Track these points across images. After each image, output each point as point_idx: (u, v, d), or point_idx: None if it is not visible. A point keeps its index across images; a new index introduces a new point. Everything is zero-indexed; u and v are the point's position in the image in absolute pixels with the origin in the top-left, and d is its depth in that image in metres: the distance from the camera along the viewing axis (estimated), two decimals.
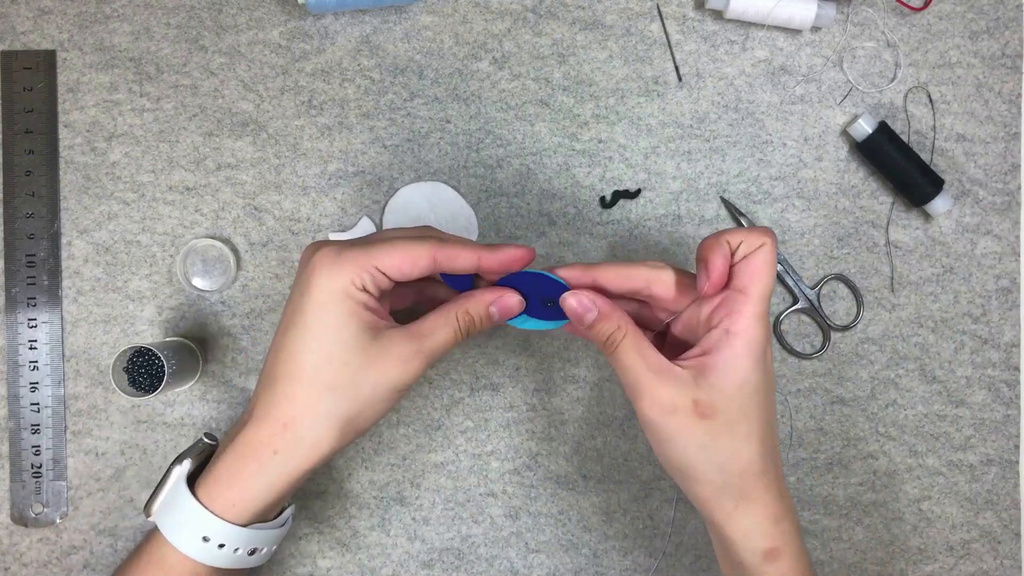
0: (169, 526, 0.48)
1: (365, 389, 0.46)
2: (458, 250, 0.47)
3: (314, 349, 0.46)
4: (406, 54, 0.63)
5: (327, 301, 0.45)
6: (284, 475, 0.47)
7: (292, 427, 0.46)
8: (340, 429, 0.46)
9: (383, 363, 0.46)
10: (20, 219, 0.61)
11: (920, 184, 0.61)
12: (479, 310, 0.48)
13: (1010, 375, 0.64)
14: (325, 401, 0.46)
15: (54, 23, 0.62)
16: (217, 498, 0.47)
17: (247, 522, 0.47)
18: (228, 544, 0.47)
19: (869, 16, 0.64)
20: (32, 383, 0.61)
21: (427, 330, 0.47)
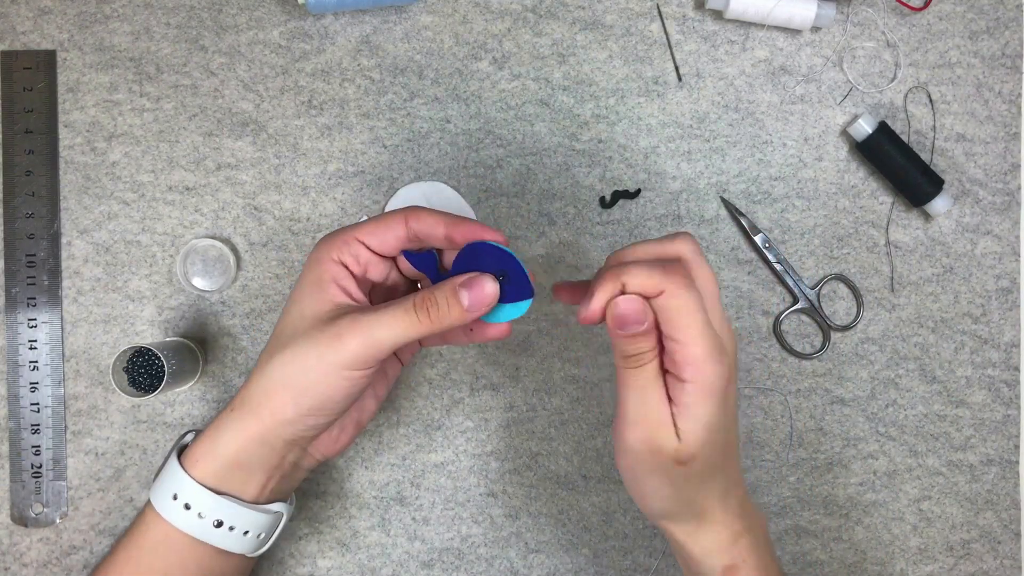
0: (154, 488, 0.49)
1: (303, 354, 0.45)
2: (427, 214, 0.47)
3: (284, 314, 0.48)
4: (406, 54, 0.63)
5: (303, 275, 0.48)
6: (234, 433, 0.47)
7: (248, 385, 0.48)
8: (282, 392, 0.46)
9: (320, 332, 0.45)
10: (20, 219, 0.61)
11: (920, 184, 0.61)
12: (445, 291, 0.45)
13: (1010, 375, 0.64)
14: (273, 361, 0.46)
15: (54, 23, 0.62)
16: (188, 456, 0.49)
17: (213, 485, 0.48)
18: (193, 505, 0.47)
19: (869, 16, 0.64)
20: (32, 383, 0.61)
21: (379, 312, 0.45)
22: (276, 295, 0.62)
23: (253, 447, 0.47)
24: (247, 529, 0.49)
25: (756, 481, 0.63)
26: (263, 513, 0.49)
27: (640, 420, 0.44)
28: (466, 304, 0.45)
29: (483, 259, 0.47)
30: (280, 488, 0.51)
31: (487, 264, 0.47)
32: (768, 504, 0.63)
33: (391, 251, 0.48)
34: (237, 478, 0.48)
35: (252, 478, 0.49)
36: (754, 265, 0.63)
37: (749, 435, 0.63)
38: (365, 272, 0.48)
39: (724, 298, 0.63)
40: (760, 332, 0.63)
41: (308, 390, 0.46)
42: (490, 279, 0.46)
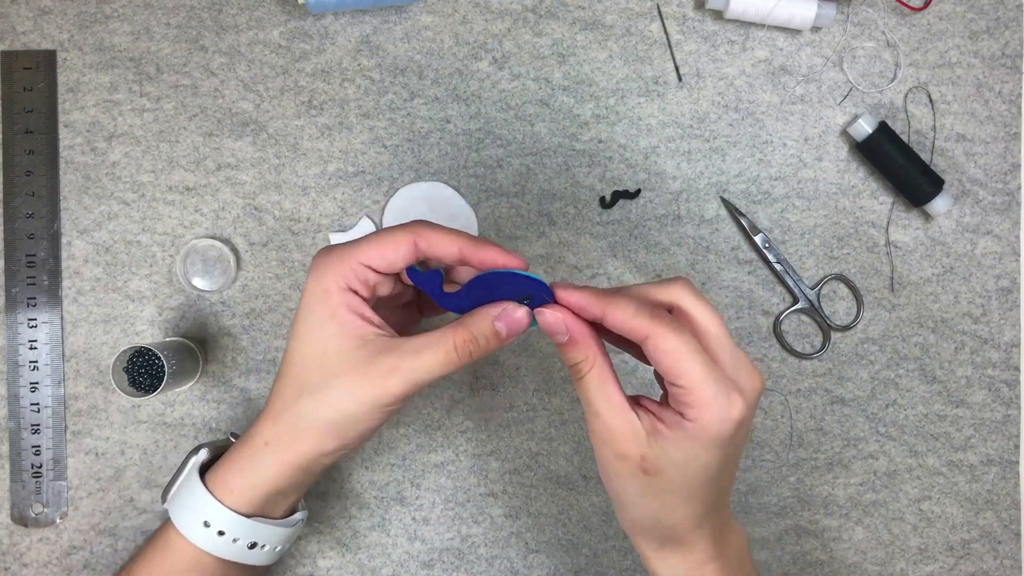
0: (176, 511, 0.49)
1: (341, 397, 0.45)
2: (440, 236, 0.45)
3: (299, 348, 0.46)
4: (406, 54, 0.63)
5: (312, 304, 0.46)
6: (275, 466, 0.47)
7: (278, 420, 0.47)
8: (321, 432, 0.46)
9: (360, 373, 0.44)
10: (20, 219, 0.61)
11: (920, 184, 0.61)
12: (483, 328, 0.45)
13: (1010, 375, 0.64)
14: (303, 401, 0.46)
15: (54, 23, 0.62)
16: (218, 484, 0.48)
17: (248, 512, 0.48)
18: (228, 532, 0.48)
19: (869, 16, 0.64)
20: (32, 383, 0.61)
21: (415, 348, 0.44)
22: (276, 295, 0.62)
23: (295, 474, 0.48)
24: (277, 545, 0.50)
25: (756, 481, 0.63)
26: (286, 528, 0.50)
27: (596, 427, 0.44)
28: (503, 335, 0.45)
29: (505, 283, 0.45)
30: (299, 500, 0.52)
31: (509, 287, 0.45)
32: (768, 504, 0.63)
33: (397, 269, 0.46)
34: (273, 502, 0.49)
35: (286, 500, 0.50)
36: (754, 265, 0.63)
37: (749, 435, 0.63)
38: (374, 293, 0.47)
39: (724, 298, 0.63)
40: (760, 332, 0.63)
41: (350, 427, 0.46)
42: (522, 309, 0.45)
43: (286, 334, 0.62)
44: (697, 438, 0.42)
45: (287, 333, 0.62)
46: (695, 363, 0.41)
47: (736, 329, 0.63)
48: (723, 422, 0.41)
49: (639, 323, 0.41)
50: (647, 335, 0.41)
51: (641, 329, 0.41)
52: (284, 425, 0.47)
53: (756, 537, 0.63)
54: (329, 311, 0.45)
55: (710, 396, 0.41)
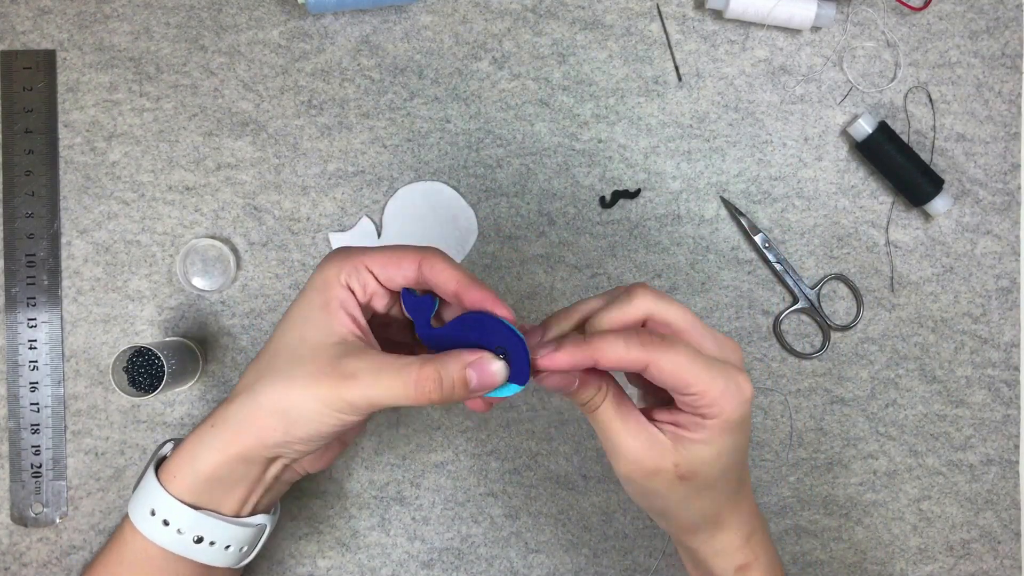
0: (132, 502, 0.48)
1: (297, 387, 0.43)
2: (444, 266, 0.44)
3: (281, 333, 0.46)
4: (406, 54, 0.63)
5: (310, 292, 0.45)
6: (215, 450, 0.46)
7: (232, 402, 0.46)
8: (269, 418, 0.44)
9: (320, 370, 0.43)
10: (20, 219, 0.61)
11: (920, 184, 0.61)
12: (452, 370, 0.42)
13: (1010, 375, 0.64)
14: (261, 384, 0.45)
15: (54, 23, 0.62)
16: (165, 471, 0.47)
17: (191, 501, 0.47)
18: (172, 522, 0.46)
19: (869, 16, 0.64)
20: (32, 383, 0.61)
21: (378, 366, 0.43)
22: (276, 295, 0.62)
23: (234, 464, 0.46)
24: (228, 544, 0.48)
25: (756, 481, 0.63)
26: (244, 527, 0.48)
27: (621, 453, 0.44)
28: (473, 385, 0.43)
29: (486, 329, 0.44)
30: (263, 501, 0.50)
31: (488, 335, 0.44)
32: (768, 504, 0.63)
33: (396, 288, 0.46)
34: (216, 493, 0.47)
35: (232, 493, 0.48)
36: (754, 265, 0.63)
37: (749, 435, 0.63)
38: (369, 301, 0.46)
39: (724, 298, 0.63)
40: (760, 332, 0.63)
41: (298, 423, 0.44)
42: (499, 363, 0.43)
43: None
44: (722, 430, 0.43)
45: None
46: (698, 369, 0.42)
47: (736, 329, 0.63)
48: (740, 405, 0.43)
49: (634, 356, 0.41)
50: (646, 364, 0.41)
51: (638, 361, 0.42)
52: (235, 407, 0.45)
53: None
54: (322, 301, 0.45)
55: (722, 390, 0.42)
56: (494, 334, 0.43)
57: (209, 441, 0.46)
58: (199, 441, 0.46)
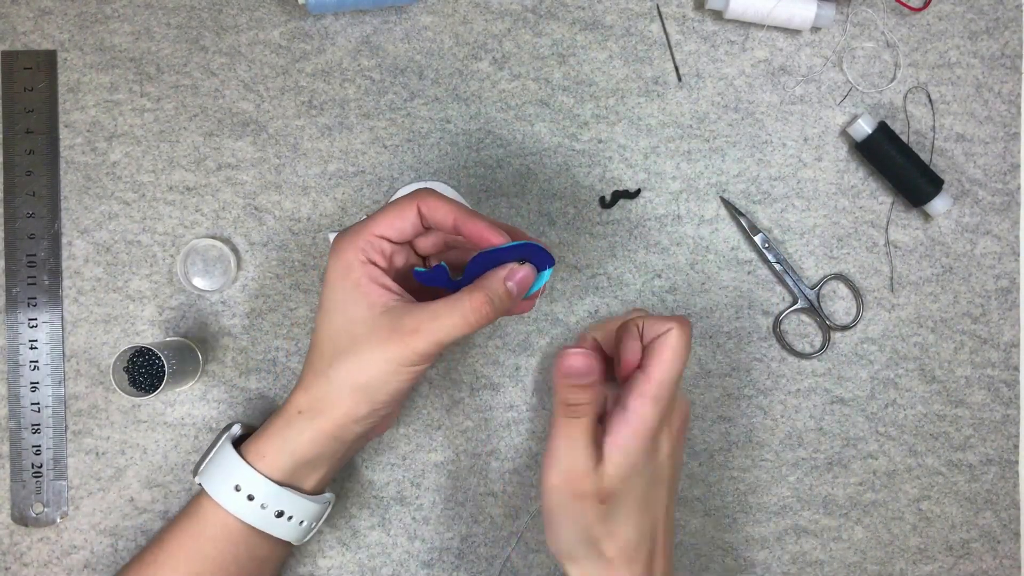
0: (208, 479, 0.52)
1: (368, 359, 0.48)
2: (439, 203, 0.49)
3: (326, 322, 0.49)
4: (406, 54, 0.63)
5: (335, 280, 0.49)
6: (307, 432, 0.50)
7: (311, 389, 0.50)
8: (352, 394, 0.49)
9: (385, 336, 0.47)
10: (21, 219, 0.61)
11: (920, 184, 0.61)
12: (495, 287, 0.48)
13: (1010, 375, 0.64)
14: (334, 368, 0.49)
15: (54, 23, 0.62)
16: (251, 451, 0.51)
17: (279, 479, 0.51)
18: (257, 496, 0.50)
19: (869, 16, 0.64)
20: (33, 383, 0.61)
21: (434, 312, 0.48)
22: (276, 295, 0.62)
23: (327, 442, 0.50)
24: (303, 519, 0.52)
25: (756, 481, 0.63)
26: (316, 503, 0.53)
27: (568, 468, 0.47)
28: (515, 292, 0.49)
29: (498, 254, 0.49)
30: (331, 477, 0.54)
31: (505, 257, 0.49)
32: (768, 504, 0.63)
33: (409, 237, 0.50)
34: (303, 472, 0.52)
35: (316, 472, 0.52)
36: (754, 265, 0.63)
37: (749, 435, 0.63)
38: (392, 263, 0.50)
39: (724, 298, 0.63)
40: (760, 332, 0.63)
41: (380, 389, 0.49)
42: (526, 267, 0.49)
43: (286, 334, 0.62)
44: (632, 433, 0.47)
45: (287, 333, 0.62)
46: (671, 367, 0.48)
47: (736, 329, 0.63)
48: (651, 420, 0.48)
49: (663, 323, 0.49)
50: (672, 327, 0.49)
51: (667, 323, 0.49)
52: (316, 393, 0.50)
53: (756, 537, 0.63)
54: (352, 282, 0.48)
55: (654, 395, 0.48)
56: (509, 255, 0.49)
57: (300, 426, 0.50)
58: (287, 426, 0.51)
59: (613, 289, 0.63)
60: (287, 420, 0.51)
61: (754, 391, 0.63)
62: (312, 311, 0.62)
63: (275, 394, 0.62)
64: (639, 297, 0.63)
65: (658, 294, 0.63)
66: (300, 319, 0.62)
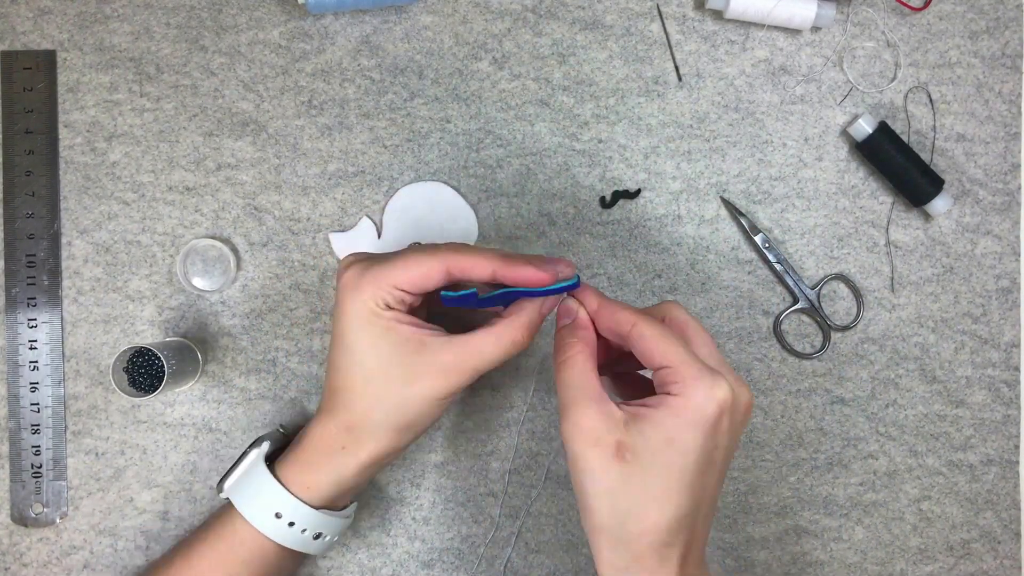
0: (244, 502, 0.52)
1: (411, 400, 0.49)
2: (472, 260, 0.47)
3: (359, 364, 0.49)
4: (406, 54, 0.63)
5: (359, 321, 0.48)
6: (352, 467, 0.51)
7: (353, 430, 0.50)
8: (395, 432, 0.50)
9: (425, 376, 0.48)
10: (20, 219, 0.61)
11: (920, 184, 0.61)
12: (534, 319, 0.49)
13: (1010, 375, 0.64)
14: (376, 411, 0.49)
15: (54, 23, 0.62)
16: (294, 481, 0.51)
17: (319, 506, 0.52)
18: (298, 523, 0.51)
19: (869, 16, 0.64)
20: (32, 383, 0.61)
21: (475, 346, 0.48)
22: (276, 295, 0.62)
23: (371, 469, 0.52)
24: (336, 536, 0.54)
25: (756, 481, 0.63)
26: (343, 519, 0.54)
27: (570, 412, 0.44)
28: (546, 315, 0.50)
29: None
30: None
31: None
32: (768, 504, 0.63)
33: (428, 291, 0.49)
34: (343, 497, 0.53)
35: (354, 493, 0.54)
36: (754, 265, 0.63)
37: (749, 435, 0.63)
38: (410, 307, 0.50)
39: (724, 298, 0.63)
40: (760, 332, 0.63)
41: (421, 424, 0.50)
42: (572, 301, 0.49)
43: (286, 334, 0.62)
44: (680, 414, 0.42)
45: (287, 333, 0.62)
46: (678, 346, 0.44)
47: (736, 329, 0.63)
48: (708, 399, 0.42)
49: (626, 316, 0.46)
50: (633, 323, 0.45)
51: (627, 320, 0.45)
52: (359, 433, 0.50)
53: (756, 537, 0.63)
54: (383, 327, 0.48)
55: (695, 372, 0.43)
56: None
57: (346, 459, 0.51)
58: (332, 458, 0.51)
59: (613, 289, 0.63)
60: (330, 455, 0.51)
61: (754, 391, 0.63)
62: (312, 311, 0.62)
63: (275, 394, 0.62)
64: (639, 297, 0.63)
65: (658, 294, 0.63)
66: (300, 319, 0.62)
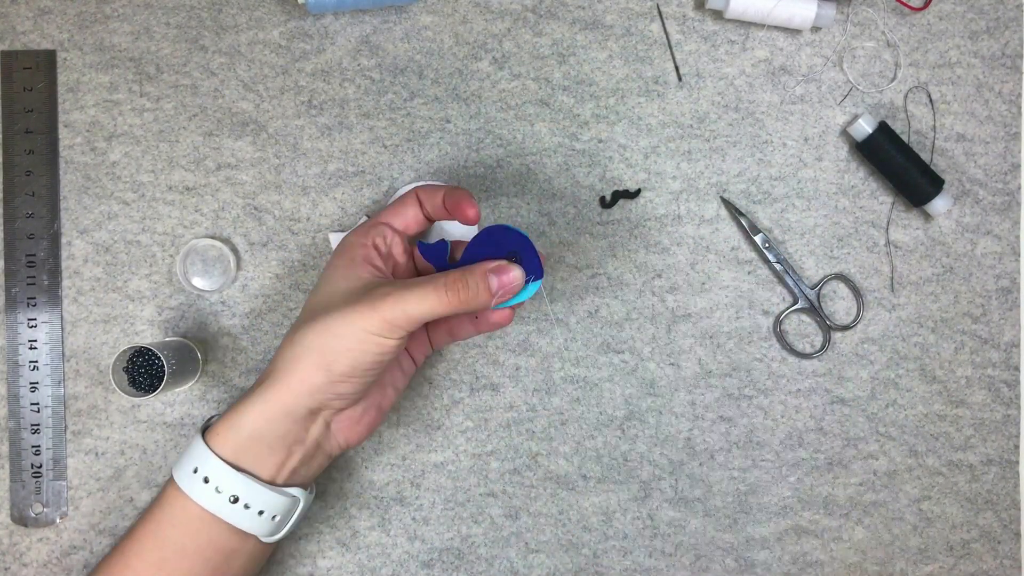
0: (177, 464, 0.51)
1: (337, 323, 0.47)
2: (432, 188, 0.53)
3: (312, 295, 0.51)
4: (406, 54, 0.63)
5: (333, 259, 0.52)
6: (260, 405, 0.49)
7: (276, 357, 0.50)
8: (311, 358, 0.48)
9: (355, 301, 0.48)
10: (20, 219, 0.61)
11: (920, 184, 0.61)
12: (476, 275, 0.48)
13: (1010, 375, 0.64)
14: (302, 331, 0.48)
15: (54, 23, 0.62)
16: (211, 431, 0.50)
17: (231, 458, 0.49)
18: (211, 479, 0.49)
19: (869, 16, 0.64)
20: (32, 383, 0.61)
21: (407, 284, 0.48)
22: (276, 295, 0.62)
23: (277, 417, 0.49)
24: (262, 509, 0.50)
25: (756, 481, 0.63)
26: (279, 494, 0.50)
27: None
28: (494, 288, 0.49)
29: (495, 242, 0.50)
30: (300, 471, 0.51)
31: (499, 247, 0.50)
32: (768, 504, 0.63)
33: (411, 227, 0.53)
34: (255, 452, 0.49)
35: (272, 454, 0.49)
36: (754, 265, 0.63)
37: (749, 435, 0.63)
38: (391, 251, 0.52)
39: (724, 298, 0.63)
40: (760, 332, 0.63)
41: (340, 355, 0.47)
42: (517, 268, 0.50)
43: None
44: None
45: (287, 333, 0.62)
46: None
47: (736, 329, 0.63)
48: None
49: None
50: None
51: None
52: (279, 360, 0.49)
53: (756, 537, 0.63)
54: (347, 259, 0.51)
55: None
56: (503, 241, 0.50)
57: (254, 398, 0.49)
58: (245, 400, 0.49)
59: (613, 289, 0.63)
60: (246, 395, 0.50)
61: (754, 391, 0.63)
62: None
63: None
64: (639, 297, 0.63)
65: (658, 294, 0.63)
66: None
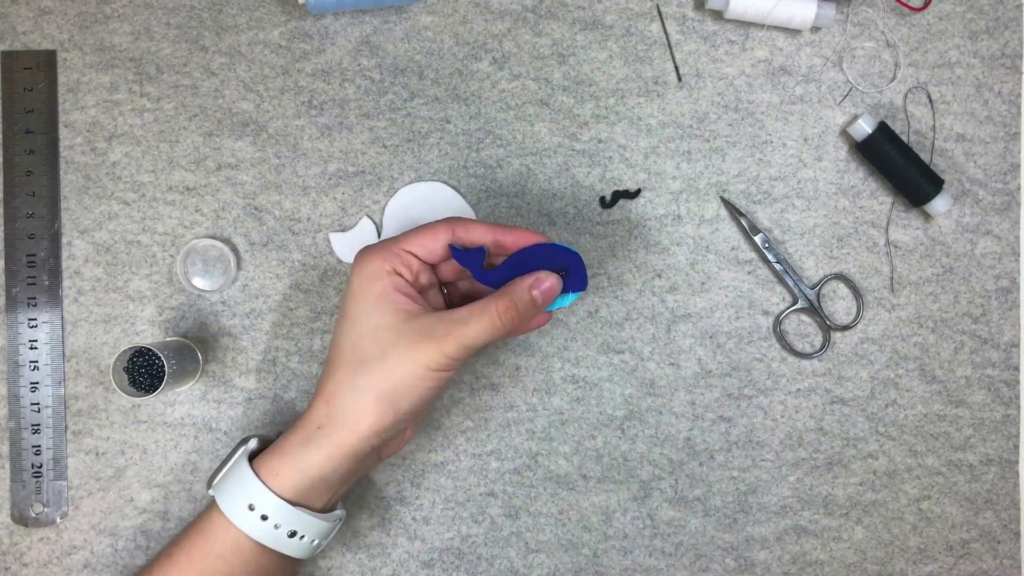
0: (222, 494, 0.51)
1: (397, 364, 0.48)
2: (475, 227, 0.51)
3: (350, 331, 0.49)
4: (406, 54, 0.63)
5: (361, 290, 0.50)
6: (325, 449, 0.49)
7: (332, 401, 0.49)
8: (377, 403, 0.48)
9: (414, 340, 0.48)
10: (20, 219, 0.61)
11: (920, 184, 0.61)
12: (521, 295, 0.49)
13: (1010, 375, 0.64)
14: (360, 376, 0.48)
15: (54, 23, 0.62)
16: (266, 469, 0.50)
17: (291, 498, 0.50)
18: (271, 517, 0.49)
19: (869, 16, 0.64)
20: (32, 383, 0.61)
21: (462, 316, 0.48)
22: (276, 295, 0.62)
23: (344, 461, 0.49)
24: (315, 538, 0.52)
25: (756, 481, 0.63)
26: (328, 521, 0.52)
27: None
28: (539, 302, 0.50)
29: (538, 257, 0.51)
30: (341, 493, 0.53)
31: (541, 261, 0.51)
32: (768, 504, 0.63)
33: (437, 259, 0.51)
34: (317, 491, 0.50)
35: (330, 490, 0.51)
36: (754, 265, 0.63)
37: (749, 435, 0.63)
38: (416, 279, 0.51)
39: (724, 298, 0.63)
40: (760, 332, 0.63)
41: (404, 394, 0.48)
42: (554, 276, 0.50)
43: (286, 334, 0.62)
44: None
45: (287, 333, 0.62)
46: None
47: (736, 329, 0.63)
48: None
49: None
50: None
51: None
52: (338, 404, 0.49)
53: (756, 537, 0.63)
54: (378, 292, 0.49)
55: None
56: (548, 259, 0.51)
57: (318, 442, 0.49)
58: (305, 442, 0.50)
59: (613, 289, 0.63)
60: (305, 436, 0.50)
61: (754, 391, 0.63)
62: (312, 311, 0.62)
63: (275, 394, 0.62)
64: (639, 297, 0.63)
65: (658, 294, 0.63)
66: (300, 319, 0.62)
